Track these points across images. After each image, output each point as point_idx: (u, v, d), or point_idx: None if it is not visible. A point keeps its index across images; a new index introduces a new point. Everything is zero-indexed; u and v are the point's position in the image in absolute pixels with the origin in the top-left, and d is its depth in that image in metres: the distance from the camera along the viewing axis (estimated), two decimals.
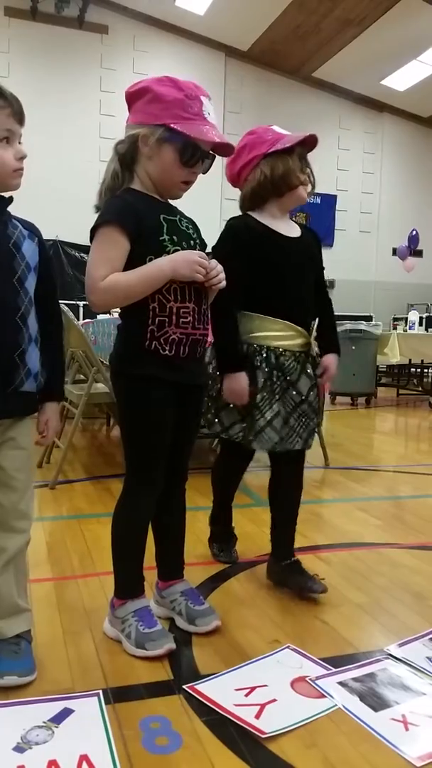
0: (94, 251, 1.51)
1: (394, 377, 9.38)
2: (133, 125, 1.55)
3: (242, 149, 1.89)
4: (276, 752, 1.23)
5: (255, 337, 1.87)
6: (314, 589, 1.91)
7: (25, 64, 9.66)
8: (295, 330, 1.89)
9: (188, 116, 1.50)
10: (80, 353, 3.49)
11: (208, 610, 1.73)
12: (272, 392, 1.85)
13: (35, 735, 1.24)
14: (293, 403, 1.88)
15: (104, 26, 10.06)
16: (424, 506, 3.09)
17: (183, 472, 1.75)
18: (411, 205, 12.23)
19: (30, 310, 1.42)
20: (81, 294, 9.59)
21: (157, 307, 1.52)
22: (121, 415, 1.66)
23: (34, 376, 1.44)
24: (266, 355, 1.86)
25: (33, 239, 1.47)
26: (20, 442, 1.47)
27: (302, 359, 1.91)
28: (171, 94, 1.51)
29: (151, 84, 1.53)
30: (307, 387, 1.91)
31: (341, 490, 3.36)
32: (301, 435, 1.90)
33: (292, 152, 1.84)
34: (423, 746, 1.25)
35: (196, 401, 1.71)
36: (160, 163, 1.54)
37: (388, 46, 9.85)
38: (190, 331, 1.56)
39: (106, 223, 1.49)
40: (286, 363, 1.87)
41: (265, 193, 1.87)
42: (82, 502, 2.98)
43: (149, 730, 1.28)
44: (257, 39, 10.33)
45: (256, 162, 1.86)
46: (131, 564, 1.67)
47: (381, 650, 1.63)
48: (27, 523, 1.50)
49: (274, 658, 1.58)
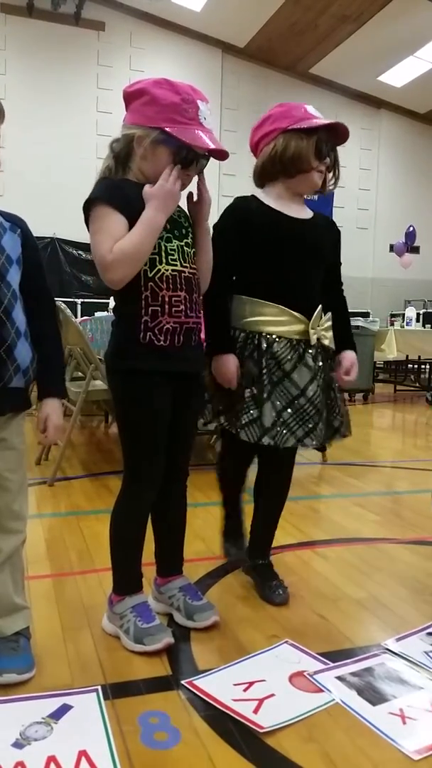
0: (93, 233, 1.51)
1: (391, 373, 9.39)
2: (130, 125, 1.56)
3: (266, 119, 1.81)
4: (274, 746, 1.23)
5: (247, 323, 1.77)
6: (272, 601, 1.87)
7: (22, 61, 9.64)
8: (291, 316, 1.76)
9: (184, 121, 1.50)
10: (78, 350, 3.49)
11: (207, 606, 1.73)
12: (264, 382, 1.73)
13: (34, 731, 1.24)
14: (289, 397, 1.74)
15: (101, 23, 10.04)
16: (422, 501, 3.09)
17: (184, 468, 1.75)
18: (408, 202, 12.25)
19: (14, 303, 1.39)
20: (79, 291, 9.60)
21: (149, 296, 1.52)
22: (118, 411, 1.66)
23: (23, 372, 1.41)
24: (257, 343, 1.75)
25: (15, 231, 1.44)
26: (11, 442, 1.45)
27: (301, 348, 1.77)
28: (167, 98, 1.50)
29: (148, 86, 1.53)
30: (305, 380, 1.75)
31: (339, 486, 3.37)
32: (294, 432, 1.74)
33: (312, 135, 1.73)
34: (420, 740, 1.25)
35: (193, 391, 1.68)
36: (154, 165, 1.54)
37: (385, 42, 9.85)
38: (183, 319, 1.56)
39: (95, 201, 1.50)
40: (279, 351, 1.74)
41: (274, 170, 1.79)
42: (81, 499, 2.98)
43: (148, 725, 1.28)
44: (254, 35, 10.32)
45: (274, 135, 1.77)
46: (130, 560, 1.67)
47: (378, 645, 1.64)
48: (21, 524, 1.49)
49: (273, 653, 1.58)
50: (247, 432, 1.73)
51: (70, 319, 3.40)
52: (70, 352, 3.71)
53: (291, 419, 1.74)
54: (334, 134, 1.78)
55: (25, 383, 1.44)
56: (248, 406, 1.74)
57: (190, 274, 1.59)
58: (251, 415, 1.73)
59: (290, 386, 1.75)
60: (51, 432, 1.50)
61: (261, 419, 1.72)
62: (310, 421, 1.76)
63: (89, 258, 10.21)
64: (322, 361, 1.81)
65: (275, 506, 1.98)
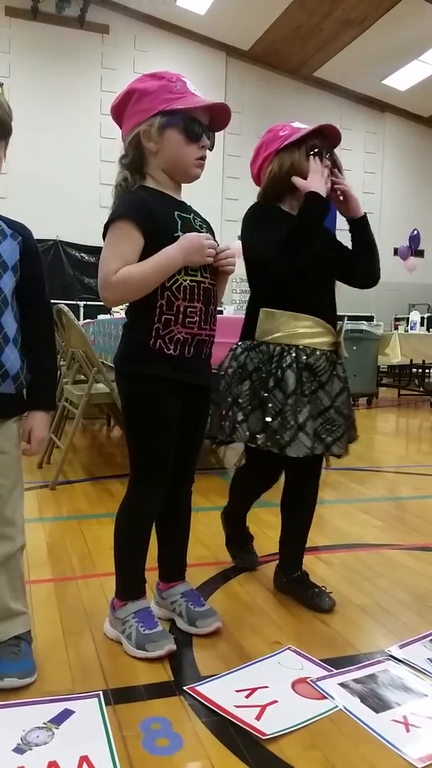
0: (107, 247, 1.51)
1: (395, 378, 9.38)
2: (130, 131, 1.56)
3: (260, 148, 1.85)
4: (277, 753, 1.23)
5: (282, 336, 1.77)
6: (321, 607, 1.87)
7: (26, 64, 9.66)
8: (324, 327, 1.80)
9: (178, 95, 1.53)
10: (81, 353, 3.49)
11: (209, 612, 1.72)
12: (302, 394, 1.74)
13: (35, 736, 1.24)
14: (321, 407, 1.77)
15: (105, 26, 10.06)
16: (425, 507, 3.08)
17: (190, 474, 1.74)
18: (412, 205, 12.24)
19: (4, 309, 1.37)
20: (81, 294, 9.60)
21: (164, 305, 1.52)
22: (126, 416, 1.65)
23: (13, 378, 1.39)
24: (296, 355, 1.76)
25: (15, 238, 1.42)
26: (2, 446, 1.43)
27: (333, 359, 1.81)
28: (154, 84, 1.53)
29: (132, 86, 1.56)
30: (336, 390, 1.80)
31: (342, 491, 3.36)
32: (323, 439, 1.77)
33: (301, 145, 1.76)
34: (424, 747, 1.24)
35: (203, 402, 1.69)
36: (168, 150, 1.54)
37: (390, 45, 9.85)
38: (195, 331, 1.56)
39: (119, 218, 1.49)
40: (316, 363, 1.77)
41: (278, 189, 1.81)
42: (83, 502, 2.97)
43: (150, 731, 1.28)
44: (258, 39, 10.33)
45: (270, 159, 1.81)
46: (133, 565, 1.67)
47: (382, 651, 1.63)
48: (14, 530, 1.46)
49: (275, 659, 1.58)
50: (294, 447, 1.72)
51: (72, 322, 3.40)
52: (73, 355, 3.70)
53: (320, 428, 1.77)
54: (327, 138, 1.80)
55: (16, 389, 1.41)
56: (292, 422, 1.73)
57: (209, 285, 1.58)
58: (296, 432, 1.72)
59: (323, 396, 1.78)
60: (34, 445, 1.49)
61: (305, 434, 1.73)
62: (339, 430, 1.80)
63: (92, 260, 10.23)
64: (344, 372, 1.86)
65: (306, 518, 1.99)
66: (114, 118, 1.62)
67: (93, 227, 1.73)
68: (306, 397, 1.75)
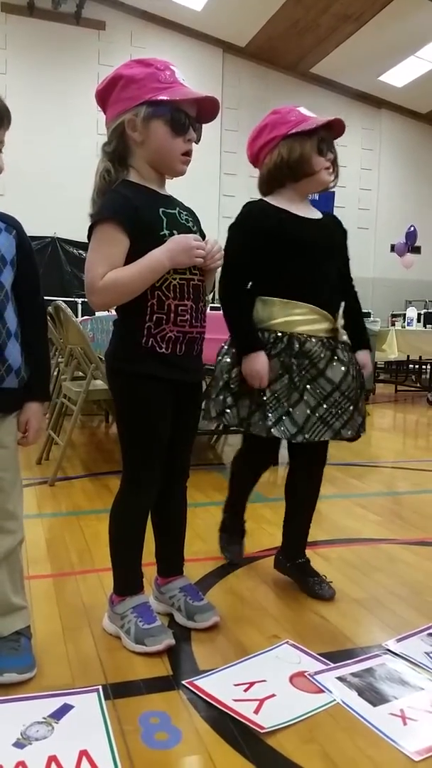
0: (92, 250, 1.49)
1: (392, 374, 9.40)
2: (115, 118, 1.53)
3: (263, 128, 1.83)
4: (275, 747, 1.23)
5: (276, 324, 1.79)
6: (321, 596, 1.90)
7: (22, 60, 9.65)
8: (320, 314, 1.80)
9: (165, 85, 1.49)
10: (78, 350, 3.49)
11: (207, 606, 1.73)
12: (292, 380, 1.76)
13: (35, 731, 1.24)
14: (324, 393, 1.77)
15: (101, 22, 10.05)
16: (423, 502, 3.09)
17: (184, 469, 1.74)
18: (409, 202, 12.26)
19: (6, 304, 1.38)
20: (79, 291, 9.60)
21: (155, 304, 1.51)
22: (118, 413, 1.65)
23: (16, 372, 1.40)
24: (288, 342, 1.77)
25: (10, 232, 1.42)
26: (3, 440, 1.44)
27: (331, 345, 1.81)
28: (142, 72, 1.50)
29: (119, 71, 1.52)
30: (340, 374, 1.79)
31: (340, 486, 3.37)
32: (331, 425, 1.78)
33: (312, 135, 1.76)
34: (421, 741, 1.25)
35: (193, 399, 1.69)
36: (154, 142, 1.51)
37: (387, 42, 9.86)
38: (187, 329, 1.55)
39: (104, 220, 1.47)
40: (312, 349, 1.77)
41: (282, 176, 1.80)
42: (81, 498, 2.98)
43: (149, 725, 1.28)
44: (255, 35, 10.33)
45: (275, 143, 1.79)
46: (130, 560, 1.67)
47: (379, 645, 1.64)
48: (16, 524, 1.48)
49: (273, 653, 1.58)
50: (278, 429, 1.75)
51: (70, 318, 3.40)
52: (71, 351, 3.71)
53: (327, 414, 1.78)
54: (332, 130, 1.81)
55: (18, 383, 1.43)
56: (277, 406, 1.76)
57: (198, 282, 1.58)
58: (279, 413, 1.75)
59: (324, 383, 1.79)
60: (31, 435, 1.50)
61: (294, 417, 1.75)
62: (346, 413, 1.81)
63: None
64: (348, 353, 1.86)
65: (310, 504, 2.01)
66: (98, 102, 1.59)
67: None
68: (299, 384, 1.76)
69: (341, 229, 1.94)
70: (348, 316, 1.91)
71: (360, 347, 1.93)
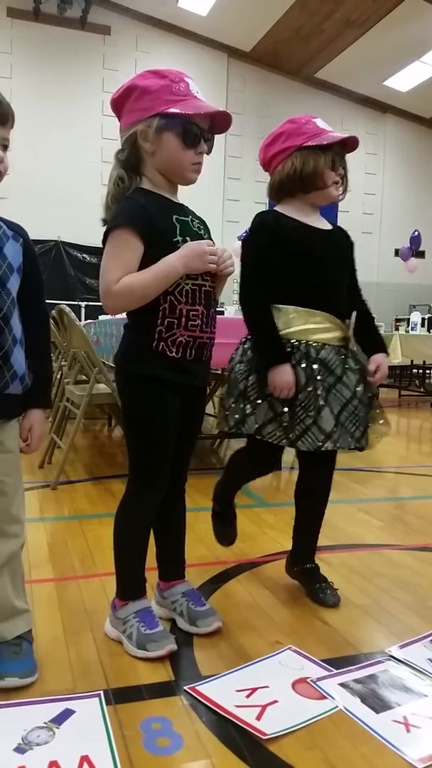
0: (107, 255, 1.51)
1: (396, 378, 9.38)
2: (128, 127, 1.55)
3: (279, 136, 1.84)
4: (277, 753, 1.23)
5: (292, 332, 1.79)
6: (324, 602, 1.89)
7: (28, 65, 9.68)
8: (333, 323, 1.82)
9: (179, 98, 1.50)
10: (82, 354, 3.49)
11: (210, 611, 1.73)
12: (315, 389, 1.75)
13: (36, 736, 1.24)
14: (344, 400, 1.80)
15: (107, 27, 10.08)
16: (426, 508, 3.08)
17: (183, 473, 1.74)
18: (413, 206, 12.25)
19: (12, 311, 1.40)
20: (83, 295, 9.62)
21: (167, 309, 1.52)
22: (126, 416, 1.65)
23: (20, 379, 1.41)
24: (306, 351, 1.77)
25: (17, 240, 1.44)
26: (7, 445, 1.45)
27: (343, 353, 1.83)
28: (156, 83, 1.51)
29: (134, 81, 1.54)
30: (354, 381, 1.83)
31: (343, 492, 3.36)
32: (353, 434, 1.82)
33: (327, 150, 1.78)
34: (424, 748, 1.25)
35: (199, 403, 1.71)
36: (165, 153, 1.53)
37: (391, 47, 9.86)
38: (197, 334, 1.56)
39: (119, 226, 1.49)
40: (328, 357, 1.79)
41: (293, 186, 1.82)
42: (84, 502, 2.98)
43: (150, 730, 1.28)
44: (260, 40, 10.35)
45: (289, 153, 1.80)
46: (133, 565, 1.67)
47: (382, 651, 1.63)
48: (19, 528, 1.48)
49: (276, 659, 1.58)
50: (305, 441, 1.75)
51: (74, 322, 3.40)
52: (74, 355, 3.71)
53: (348, 422, 1.81)
54: (345, 144, 1.83)
55: (22, 390, 1.44)
56: (303, 416, 1.76)
57: (210, 288, 1.59)
58: (308, 426, 1.75)
59: (343, 389, 1.81)
60: (34, 442, 1.51)
61: (320, 425, 1.75)
62: (363, 424, 1.85)
63: (93, 261, 10.22)
64: (359, 361, 1.88)
65: (321, 510, 2.01)
66: (113, 110, 1.61)
67: (94, 228, 1.73)
68: (321, 392, 1.76)
69: (349, 241, 1.96)
70: (360, 323, 1.91)
71: (377, 351, 1.94)
